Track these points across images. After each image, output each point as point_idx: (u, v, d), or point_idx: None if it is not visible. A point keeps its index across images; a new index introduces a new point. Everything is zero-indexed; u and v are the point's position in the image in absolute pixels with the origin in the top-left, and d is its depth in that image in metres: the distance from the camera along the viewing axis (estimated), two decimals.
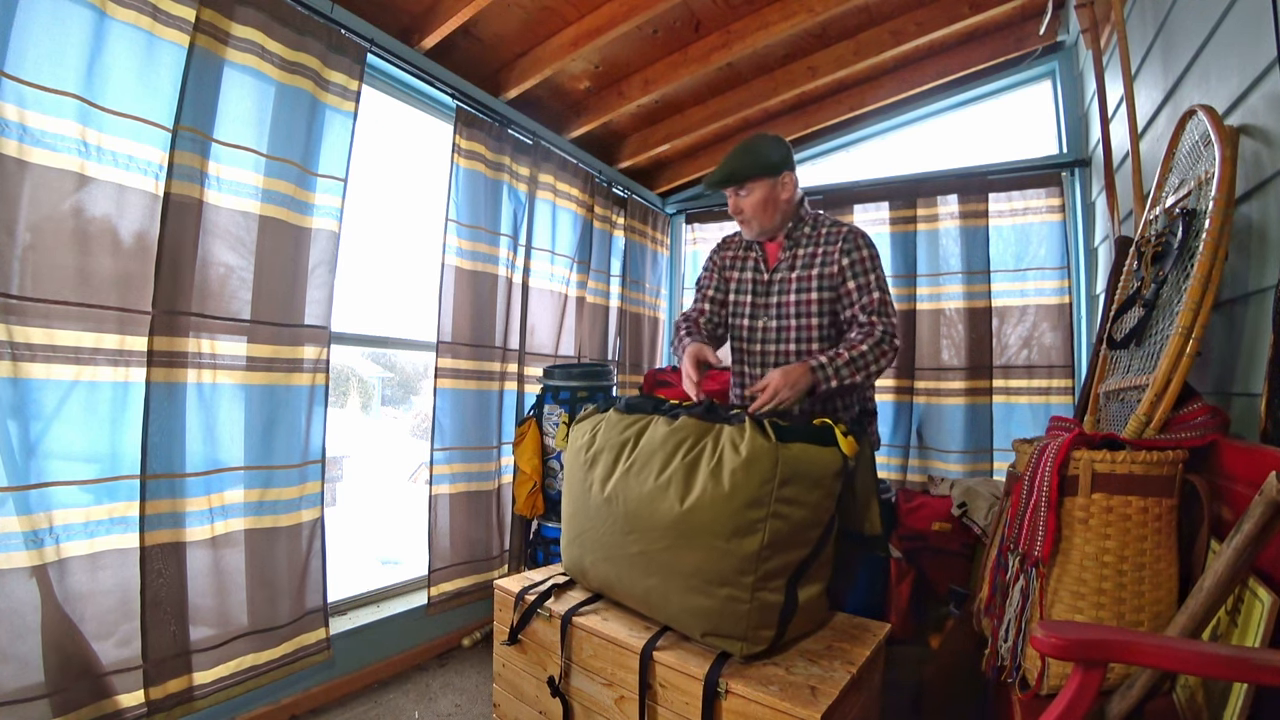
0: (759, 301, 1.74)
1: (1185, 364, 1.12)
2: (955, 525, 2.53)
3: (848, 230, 1.67)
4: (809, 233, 1.71)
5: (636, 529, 1.36)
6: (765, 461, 1.23)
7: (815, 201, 3.41)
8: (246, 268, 1.78)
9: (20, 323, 1.36)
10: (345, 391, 4.93)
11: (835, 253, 1.65)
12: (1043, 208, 2.88)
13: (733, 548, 1.22)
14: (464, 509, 2.48)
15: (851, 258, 1.63)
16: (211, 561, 1.69)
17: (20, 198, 1.36)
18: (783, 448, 1.24)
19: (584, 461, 1.55)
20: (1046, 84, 3.04)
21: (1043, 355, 2.86)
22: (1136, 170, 1.73)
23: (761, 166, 1.64)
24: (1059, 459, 1.09)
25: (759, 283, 1.75)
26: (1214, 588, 0.83)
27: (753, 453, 1.24)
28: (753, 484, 1.23)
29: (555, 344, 2.97)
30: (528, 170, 2.78)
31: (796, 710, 1.07)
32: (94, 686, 1.45)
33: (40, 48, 1.38)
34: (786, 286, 1.70)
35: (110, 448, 1.51)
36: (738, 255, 1.82)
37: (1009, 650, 1.16)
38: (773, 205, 1.67)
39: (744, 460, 1.24)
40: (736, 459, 1.25)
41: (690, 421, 1.41)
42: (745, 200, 1.67)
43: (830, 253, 1.66)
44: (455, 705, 2.02)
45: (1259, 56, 1.15)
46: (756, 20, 2.52)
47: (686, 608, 1.28)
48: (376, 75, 2.29)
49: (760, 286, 1.75)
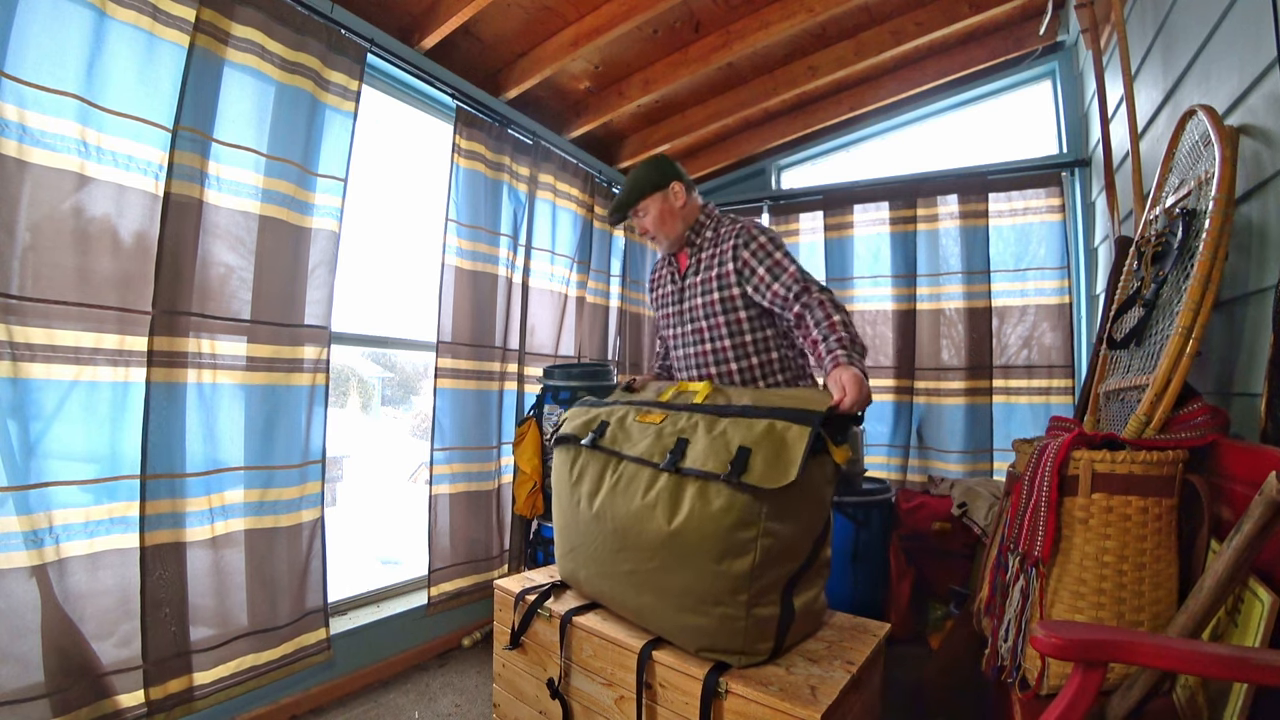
0: (677, 310, 1.82)
1: (1185, 364, 1.12)
2: (955, 525, 2.52)
3: (740, 226, 1.69)
4: (709, 236, 1.75)
5: (626, 547, 1.34)
6: (743, 501, 1.20)
7: (815, 202, 3.42)
8: (246, 268, 1.78)
9: (20, 323, 1.36)
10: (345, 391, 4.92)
11: (729, 250, 1.67)
12: (1043, 208, 2.88)
13: (724, 569, 1.19)
14: (464, 509, 2.48)
15: (751, 249, 1.64)
16: (211, 561, 1.69)
17: (20, 198, 1.36)
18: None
19: (571, 477, 1.53)
20: (1046, 84, 3.04)
21: (1043, 355, 2.86)
22: (1136, 170, 1.73)
23: (647, 185, 1.73)
24: (1059, 459, 1.09)
25: (675, 293, 1.82)
26: (1214, 588, 0.83)
27: (729, 501, 1.20)
28: (740, 505, 1.19)
29: (555, 344, 2.97)
30: (528, 170, 2.78)
31: (796, 710, 1.07)
32: (94, 686, 1.45)
33: (40, 48, 1.38)
34: (694, 290, 1.75)
35: (110, 448, 1.51)
36: (660, 275, 1.91)
37: (1009, 650, 1.16)
38: (670, 216, 1.74)
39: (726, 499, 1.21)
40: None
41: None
42: (645, 220, 1.76)
43: (724, 251, 1.69)
44: (455, 705, 2.02)
45: (1259, 56, 1.16)
46: (756, 20, 2.52)
47: (681, 625, 1.26)
48: (376, 75, 2.29)
49: (676, 295, 1.81)
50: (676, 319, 1.82)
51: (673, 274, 1.84)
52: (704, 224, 1.77)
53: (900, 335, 3.12)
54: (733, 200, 3.67)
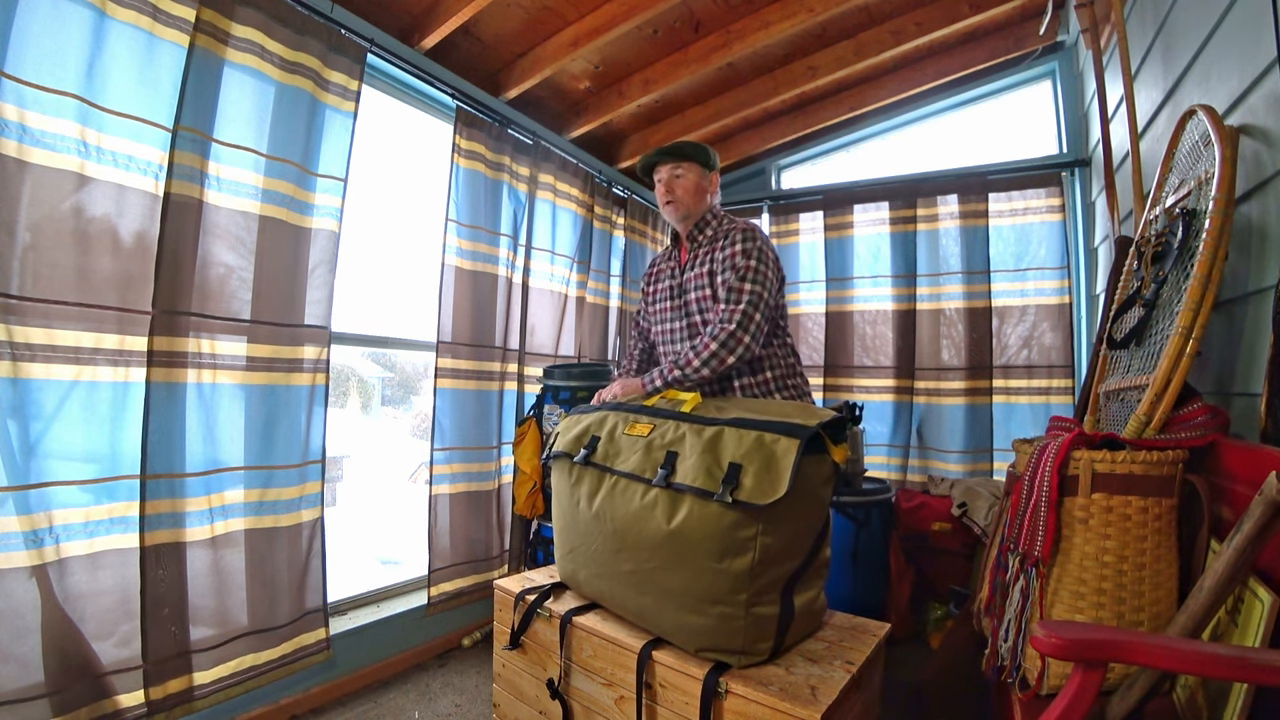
0: (675, 304, 1.84)
1: (1185, 364, 1.12)
2: (955, 525, 2.53)
3: (741, 228, 1.71)
4: (709, 234, 1.79)
5: (626, 547, 1.34)
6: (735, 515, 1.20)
7: (815, 202, 3.42)
8: (246, 268, 1.77)
9: (20, 323, 1.36)
10: (345, 391, 4.92)
11: (724, 246, 1.71)
12: (1043, 208, 2.89)
13: (724, 567, 1.19)
14: (464, 509, 2.48)
15: (742, 248, 1.67)
16: (211, 561, 1.69)
17: (20, 198, 1.36)
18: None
19: (570, 479, 1.54)
20: (1046, 84, 3.04)
21: (1043, 355, 2.86)
22: (1136, 170, 1.73)
23: (700, 155, 1.79)
24: (1059, 459, 1.09)
25: (674, 288, 1.85)
26: (1214, 588, 0.83)
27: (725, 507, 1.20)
28: (735, 514, 1.19)
29: (555, 344, 2.97)
30: (528, 170, 2.78)
31: (796, 710, 1.07)
32: (94, 686, 1.45)
33: (40, 48, 1.38)
34: (689, 285, 1.78)
35: (110, 448, 1.51)
36: (660, 269, 1.95)
37: (1009, 650, 1.16)
38: (700, 194, 1.79)
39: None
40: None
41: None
42: (680, 181, 1.78)
43: (720, 247, 1.72)
44: (455, 705, 2.02)
45: (1259, 56, 1.15)
46: (756, 20, 2.52)
47: (681, 625, 1.27)
48: (376, 75, 2.29)
49: (675, 289, 1.84)
50: (674, 313, 1.84)
51: (673, 269, 1.87)
52: (708, 222, 1.81)
53: (900, 335, 3.12)
54: (733, 200, 3.67)
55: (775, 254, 1.72)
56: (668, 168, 1.79)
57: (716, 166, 1.83)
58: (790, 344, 1.81)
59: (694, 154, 1.78)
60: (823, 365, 3.32)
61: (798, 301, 3.48)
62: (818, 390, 3.27)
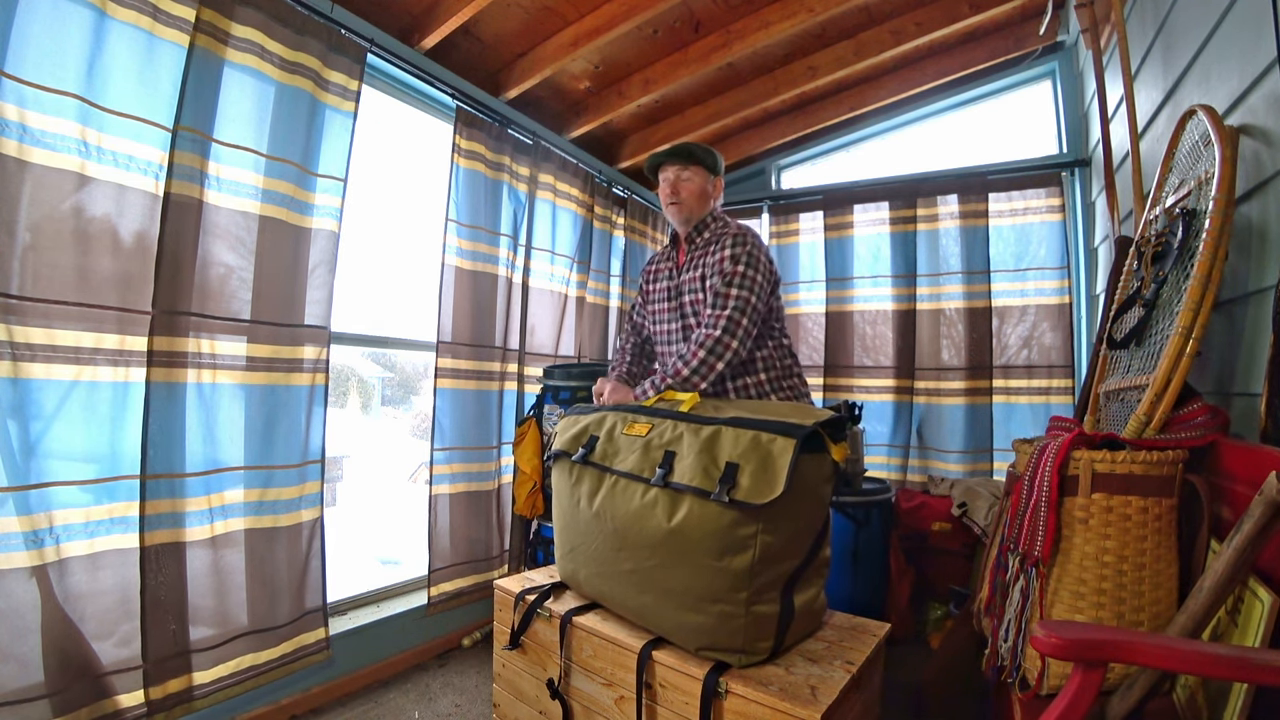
0: (672, 305, 1.85)
1: (1185, 364, 1.12)
2: (955, 525, 2.53)
3: (737, 232, 1.72)
4: (707, 236, 1.80)
5: (626, 546, 1.35)
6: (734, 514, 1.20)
7: (815, 202, 3.42)
8: (246, 268, 1.77)
9: (20, 323, 1.36)
10: (345, 391, 4.93)
11: (718, 249, 1.71)
12: (1043, 208, 2.89)
13: (724, 565, 1.19)
14: (464, 509, 2.48)
15: (733, 251, 1.67)
16: (211, 561, 1.69)
17: (20, 198, 1.36)
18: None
19: (570, 479, 1.54)
20: (1046, 84, 3.04)
21: (1043, 355, 2.86)
22: (1136, 170, 1.73)
23: (709, 159, 1.81)
24: (1059, 459, 1.09)
25: (671, 289, 1.86)
26: (1214, 588, 0.83)
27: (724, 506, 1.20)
28: (734, 513, 1.19)
29: (555, 344, 2.97)
30: (528, 170, 2.78)
31: (796, 710, 1.07)
32: (94, 686, 1.45)
33: (40, 48, 1.38)
34: (685, 287, 1.80)
35: (110, 448, 1.51)
36: (658, 269, 1.95)
37: (1009, 650, 1.16)
38: (703, 198, 1.81)
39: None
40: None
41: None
42: (686, 184, 1.79)
43: (714, 250, 1.72)
44: (455, 705, 2.02)
45: (1259, 56, 1.16)
46: (756, 20, 2.52)
47: (681, 624, 1.27)
48: (376, 75, 2.29)
49: (673, 290, 1.85)
50: (671, 314, 1.85)
51: (671, 269, 1.88)
52: (707, 224, 1.82)
53: (900, 335, 3.12)
54: (733, 200, 3.67)
55: (768, 257, 1.72)
56: (674, 169, 1.79)
57: (722, 171, 1.85)
58: (787, 345, 1.81)
59: (702, 157, 1.79)
60: (823, 365, 3.32)
61: (798, 301, 3.48)
62: (818, 390, 3.27)
